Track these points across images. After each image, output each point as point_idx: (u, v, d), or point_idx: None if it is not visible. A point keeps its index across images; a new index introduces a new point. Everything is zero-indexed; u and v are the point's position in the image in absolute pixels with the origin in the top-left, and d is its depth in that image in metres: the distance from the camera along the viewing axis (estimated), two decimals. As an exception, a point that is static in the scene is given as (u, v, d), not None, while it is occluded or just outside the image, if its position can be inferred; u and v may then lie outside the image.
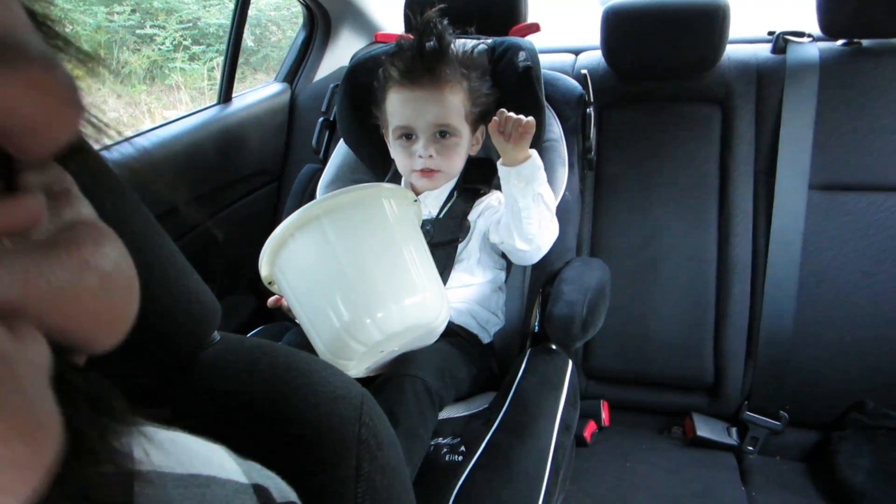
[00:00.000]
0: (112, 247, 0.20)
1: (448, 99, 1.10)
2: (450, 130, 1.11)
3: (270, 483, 0.34)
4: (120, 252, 0.21)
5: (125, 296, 0.21)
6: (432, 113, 1.10)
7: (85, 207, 0.21)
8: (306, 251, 0.90)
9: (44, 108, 0.16)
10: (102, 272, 0.19)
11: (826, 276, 1.39)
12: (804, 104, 1.40)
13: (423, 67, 1.08)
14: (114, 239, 0.21)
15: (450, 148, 1.12)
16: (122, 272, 0.20)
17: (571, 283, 1.10)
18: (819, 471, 1.35)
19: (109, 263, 0.20)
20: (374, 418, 0.45)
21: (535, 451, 0.95)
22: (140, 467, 0.26)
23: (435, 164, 1.12)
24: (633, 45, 1.48)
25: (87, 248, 0.19)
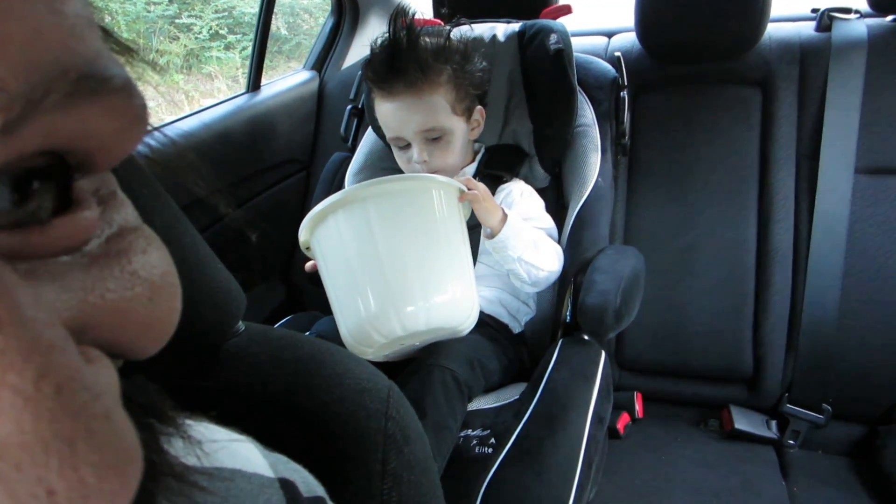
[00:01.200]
0: (159, 255, 0.20)
1: (428, 102, 1.04)
2: (438, 132, 1.07)
3: (297, 477, 0.33)
4: (166, 259, 0.20)
5: (171, 304, 0.20)
6: (415, 121, 1.06)
7: (131, 210, 0.21)
8: (346, 231, 0.88)
9: (119, 129, 0.17)
10: (151, 283, 0.19)
11: (873, 264, 1.33)
12: (851, 84, 1.34)
13: (394, 75, 1.03)
14: (160, 245, 0.21)
15: (443, 148, 1.09)
16: (169, 281, 0.20)
17: (604, 272, 1.07)
18: (864, 466, 1.30)
19: (157, 274, 0.19)
20: (400, 411, 0.44)
21: (567, 443, 0.93)
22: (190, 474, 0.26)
23: (432, 166, 1.09)
24: (668, 25, 1.43)
25: (136, 257, 0.19)
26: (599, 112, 1.26)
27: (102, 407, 0.15)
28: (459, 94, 1.08)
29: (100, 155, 0.17)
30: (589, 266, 1.11)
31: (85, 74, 0.15)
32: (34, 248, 0.16)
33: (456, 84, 1.07)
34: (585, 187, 1.18)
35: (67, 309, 0.16)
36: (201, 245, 0.45)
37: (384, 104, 1.07)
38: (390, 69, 1.03)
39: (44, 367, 0.13)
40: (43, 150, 0.16)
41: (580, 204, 1.17)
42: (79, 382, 0.14)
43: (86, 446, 0.14)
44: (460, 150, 1.13)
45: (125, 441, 0.15)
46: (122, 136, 0.17)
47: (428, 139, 1.07)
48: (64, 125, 0.15)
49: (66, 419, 0.14)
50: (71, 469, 0.14)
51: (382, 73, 1.04)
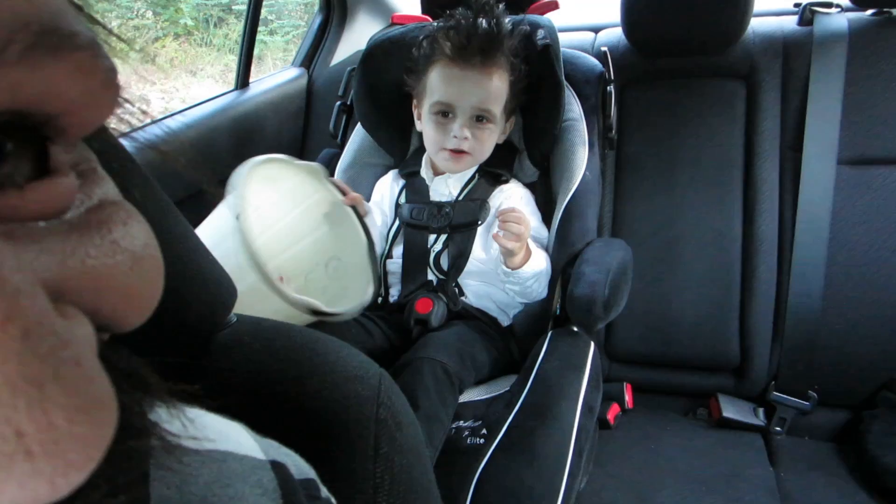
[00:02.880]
0: (140, 227, 0.21)
1: (494, 84, 1.09)
2: (488, 116, 1.11)
3: (288, 460, 0.34)
4: (147, 233, 0.21)
5: (153, 276, 0.21)
6: (476, 95, 1.09)
7: (111, 187, 0.21)
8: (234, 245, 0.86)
9: (87, 91, 0.17)
10: (133, 252, 0.19)
11: (855, 253, 1.36)
12: (832, 77, 1.36)
13: (477, 47, 1.07)
14: (140, 219, 0.21)
15: (484, 132, 1.12)
16: (150, 253, 0.21)
17: (593, 263, 1.08)
18: (850, 451, 1.32)
19: (138, 244, 0.20)
20: (392, 398, 0.45)
21: (558, 432, 0.94)
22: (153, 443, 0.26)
23: (468, 146, 1.12)
24: (654, 20, 1.44)
25: (116, 228, 0.19)
26: (587, 106, 1.27)
27: (72, 353, 0.15)
28: (513, 94, 1.13)
29: (69, 119, 0.17)
30: (577, 258, 1.12)
31: (47, 28, 0.15)
32: (11, 210, 0.16)
33: (513, 85, 1.12)
34: (573, 181, 1.19)
35: (46, 270, 0.16)
36: (192, 236, 0.45)
37: (449, 69, 1.09)
38: (476, 40, 1.06)
39: (9, 311, 0.14)
40: (9, 109, 0.16)
41: (568, 197, 1.18)
42: (47, 328, 0.15)
43: (55, 389, 0.14)
44: (491, 146, 1.17)
45: (97, 387, 0.16)
46: (90, 99, 0.17)
47: (474, 119, 1.11)
48: (29, 81, 0.15)
49: (33, 362, 0.14)
50: (40, 411, 0.14)
51: (463, 41, 1.07)
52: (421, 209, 1.18)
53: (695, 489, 1.23)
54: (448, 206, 1.17)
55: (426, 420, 0.90)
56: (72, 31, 0.16)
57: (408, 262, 1.17)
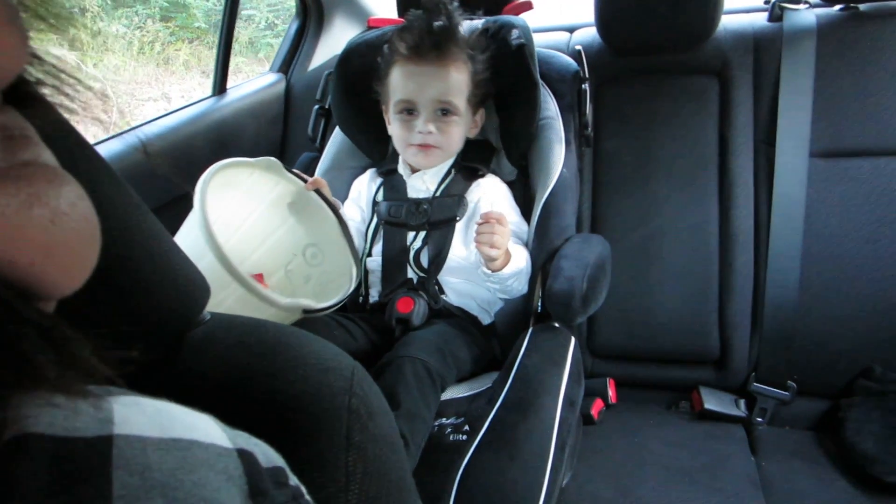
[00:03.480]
0: (69, 188, 0.21)
1: (452, 76, 1.11)
2: (451, 108, 1.12)
3: (257, 449, 0.34)
4: (77, 194, 0.21)
5: (82, 237, 0.21)
6: (436, 88, 1.11)
7: (45, 153, 0.21)
8: None
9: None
10: (55, 208, 0.19)
11: (830, 244, 1.38)
12: (802, 71, 1.39)
13: (430, 44, 1.09)
14: (71, 182, 0.21)
15: (449, 125, 1.13)
16: (80, 213, 0.21)
17: (571, 258, 1.10)
18: (828, 439, 1.34)
19: (64, 202, 0.20)
20: (364, 388, 0.45)
21: (539, 427, 0.95)
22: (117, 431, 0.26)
23: (434, 139, 1.13)
24: (626, 19, 1.46)
25: (39, 184, 0.19)
26: (562, 105, 1.29)
27: None
28: (475, 85, 1.14)
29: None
30: (556, 254, 1.13)
31: None
32: None
33: (476, 76, 1.14)
34: (551, 178, 1.21)
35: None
36: (164, 236, 0.46)
37: (406, 68, 1.12)
38: (429, 37, 1.09)
39: None
40: None
41: (546, 194, 1.20)
42: None
43: None
44: (460, 139, 1.18)
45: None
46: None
47: (438, 113, 1.12)
48: None
49: None
50: None
51: (416, 39, 1.09)
52: (399, 206, 1.19)
53: (678, 481, 1.24)
54: (426, 202, 1.18)
55: (409, 418, 0.91)
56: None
57: (387, 260, 1.17)
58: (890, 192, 1.35)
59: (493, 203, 1.17)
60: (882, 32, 1.36)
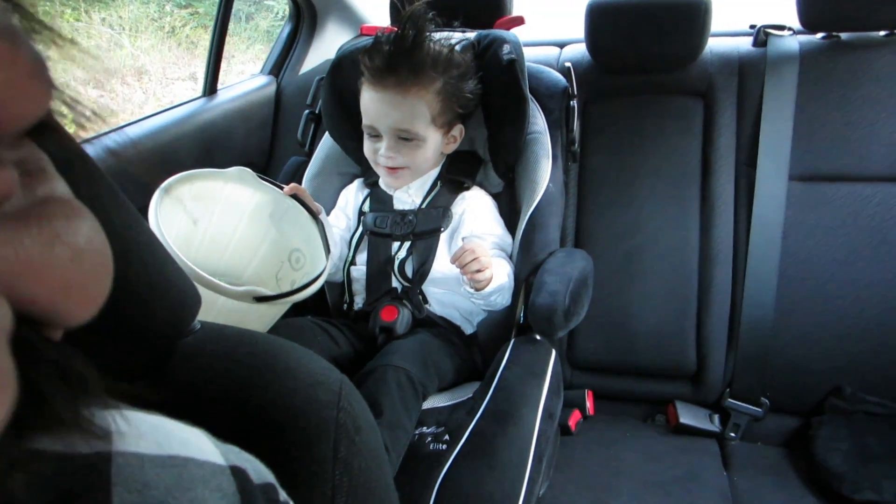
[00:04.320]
0: (85, 223, 0.21)
1: (411, 104, 1.09)
2: (410, 136, 1.12)
3: (248, 465, 0.34)
4: (93, 228, 0.21)
5: (98, 271, 0.21)
6: (393, 118, 1.10)
7: (60, 186, 0.21)
8: None
9: (8, 82, 0.17)
10: (74, 246, 0.20)
11: (806, 266, 1.41)
12: (784, 96, 1.42)
13: (389, 69, 1.07)
14: (87, 216, 0.21)
15: (412, 150, 1.13)
16: (95, 248, 0.21)
17: (554, 273, 1.11)
18: (799, 456, 1.37)
19: (81, 238, 0.20)
20: (352, 403, 0.46)
21: (518, 438, 0.96)
22: (115, 448, 0.27)
23: (398, 162, 1.14)
24: (616, 38, 1.49)
25: (58, 221, 0.19)
26: (550, 120, 1.31)
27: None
28: (444, 107, 1.12)
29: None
30: (539, 268, 1.15)
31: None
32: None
33: (444, 97, 1.11)
34: (537, 192, 1.22)
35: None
36: (157, 245, 0.46)
37: (370, 92, 1.11)
38: (387, 62, 1.07)
39: None
40: None
41: (532, 208, 1.21)
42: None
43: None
44: (430, 158, 1.17)
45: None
46: (15, 91, 0.17)
47: (399, 138, 1.12)
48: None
49: None
50: None
51: (378, 63, 1.07)
52: (385, 217, 1.20)
53: (652, 493, 1.26)
54: (411, 213, 1.19)
55: (390, 427, 0.92)
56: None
57: (372, 269, 1.18)
58: (865, 217, 1.39)
59: (477, 216, 1.19)
60: (862, 61, 1.40)
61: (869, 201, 1.39)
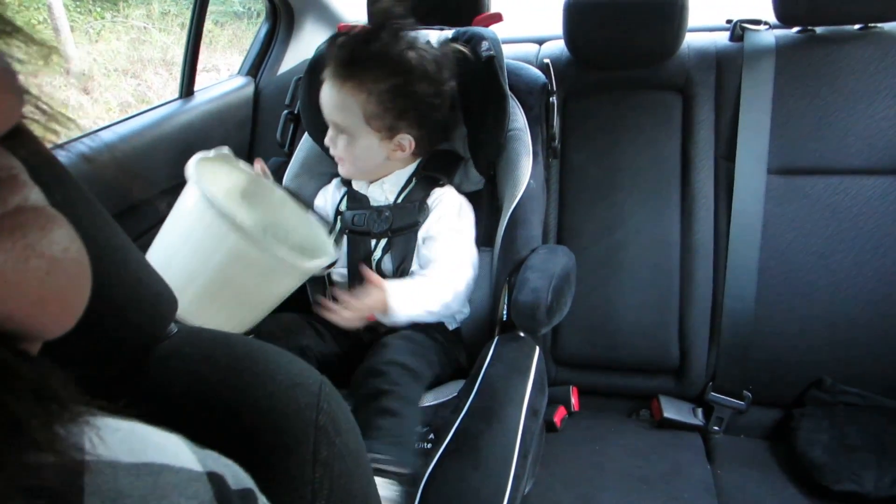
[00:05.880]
0: (60, 232, 0.20)
1: (343, 99, 1.09)
2: (343, 129, 1.12)
3: (227, 471, 0.34)
4: (69, 238, 0.20)
5: (75, 282, 0.20)
6: (328, 108, 1.12)
7: (33, 194, 0.21)
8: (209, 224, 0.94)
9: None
10: (50, 258, 0.19)
11: (785, 258, 1.43)
12: (761, 90, 1.43)
13: (334, 59, 1.09)
14: (63, 224, 0.21)
15: (347, 144, 1.13)
16: (72, 257, 0.20)
17: (536, 270, 1.11)
18: (781, 447, 1.38)
19: (57, 249, 0.19)
20: (332, 404, 0.46)
21: (503, 436, 0.96)
22: (89, 457, 0.26)
23: (335, 152, 1.16)
24: (594, 34, 1.49)
25: (32, 232, 0.19)
26: (530, 116, 1.30)
27: None
28: (380, 110, 1.09)
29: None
30: (522, 265, 1.15)
31: None
32: None
33: (383, 100, 1.08)
34: (518, 189, 1.22)
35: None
36: (131, 248, 0.45)
37: (325, 81, 1.12)
38: (337, 54, 1.08)
39: None
40: None
41: (513, 205, 1.21)
42: None
43: None
44: (367, 158, 1.15)
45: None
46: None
47: (336, 128, 1.13)
48: None
49: None
50: None
51: (328, 52, 1.11)
52: (362, 215, 1.19)
53: (637, 488, 1.27)
54: (387, 209, 1.18)
55: (398, 415, 0.94)
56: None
57: (352, 268, 1.18)
58: (842, 210, 1.40)
59: (441, 218, 1.17)
60: (837, 55, 1.42)
61: (846, 194, 1.40)
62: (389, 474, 0.88)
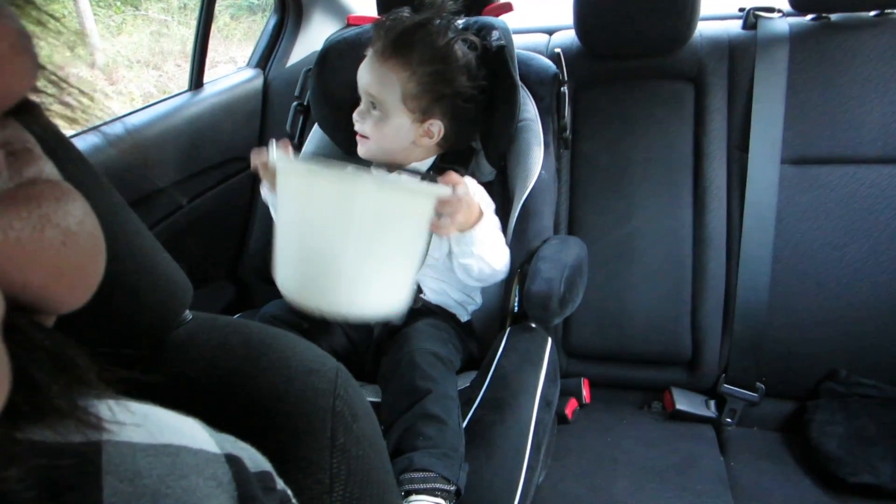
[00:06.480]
0: (75, 205, 0.20)
1: (385, 73, 1.09)
2: (374, 101, 1.11)
3: (244, 454, 0.34)
4: (84, 210, 0.20)
5: (90, 255, 0.20)
6: (365, 80, 1.11)
7: (48, 167, 0.21)
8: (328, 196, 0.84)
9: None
10: (65, 229, 0.19)
11: (799, 249, 1.41)
12: (775, 79, 1.42)
13: (384, 39, 1.08)
14: (77, 198, 0.21)
15: (376, 122, 1.12)
16: (87, 231, 0.20)
17: (549, 260, 1.11)
18: (795, 440, 1.37)
19: (73, 221, 0.19)
20: (349, 391, 0.45)
21: (516, 427, 0.96)
22: (106, 437, 0.26)
23: (362, 129, 1.14)
24: (605, 23, 1.48)
25: (48, 203, 0.19)
26: (541, 107, 1.30)
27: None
28: (420, 91, 1.09)
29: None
30: (534, 256, 1.14)
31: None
32: None
33: (423, 83, 1.09)
34: (529, 180, 1.21)
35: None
36: (146, 234, 0.45)
37: (367, 58, 1.12)
38: (383, 30, 1.08)
39: None
40: None
41: (525, 196, 1.20)
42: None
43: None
44: (395, 139, 1.13)
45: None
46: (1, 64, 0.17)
47: (370, 104, 1.12)
48: None
49: None
50: None
51: (380, 33, 1.09)
52: None
53: (649, 480, 1.26)
54: None
55: (439, 399, 0.92)
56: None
57: None
58: (857, 200, 1.39)
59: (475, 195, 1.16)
60: (852, 42, 1.40)
61: (861, 183, 1.39)
62: (440, 493, 0.84)
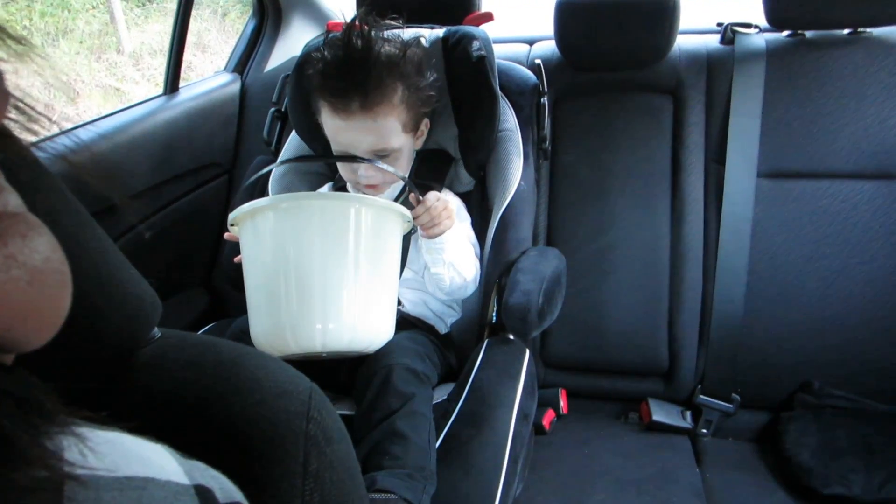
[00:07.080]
0: (42, 241, 0.19)
1: (381, 125, 1.03)
2: (388, 152, 1.07)
3: (214, 483, 0.32)
4: (51, 246, 0.20)
5: (56, 292, 0.19)
6: (367, 142, 1.05)
7: (13, 198, 0.20)
8: (283, 231, 0.86)
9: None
10: (31, 267, 0.18)
11: (774, 262, 1.43)
12: (751, 93, 1.43)
13: (349, 93, 1.00)
14: (44, 232, 0.20)
15: (391, 163, 1.07)
16: (53, 267, 0.19)
17: (527, 272, 1.10)
18: (769, 451, 1.39)
19: (39, 258, 0.19)
20: (322, 413, 0.44)
21: (493, 441, 0.95)
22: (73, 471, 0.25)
23: (379, 179, 1.09)
24: (585, 35, 1.48)
25: (13, 241, 0.18)
26: (521, 117, 1.29)
27: None
28: (411, 113, 1.07)
29: None
30: (512, 267, 1.13)
31: None
32: None
33: (409, 104, 1.06)
34: (508, 191, 1.21)
35: None
36: (112, 250, 0.43)
37: (335, 121, 1.03)
38: (346, 86, 0.99)
39: None
40: None
41: (503, 207, 1.20)
42: None
43: None
44: (406, 164, 1.14)
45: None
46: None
47: (377, 156, 1.06)
48: None
49: None
50: None
51: (337, 89, 1.00)
52: None
53: (626, 491, 1.26)
54: None
55: (408, 416, 0.90)
56: None
57: None
58: (831, 213, 1.41)
59: None
60: (827, 59, 1.42)
61: (834, 198, 1.41)
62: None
